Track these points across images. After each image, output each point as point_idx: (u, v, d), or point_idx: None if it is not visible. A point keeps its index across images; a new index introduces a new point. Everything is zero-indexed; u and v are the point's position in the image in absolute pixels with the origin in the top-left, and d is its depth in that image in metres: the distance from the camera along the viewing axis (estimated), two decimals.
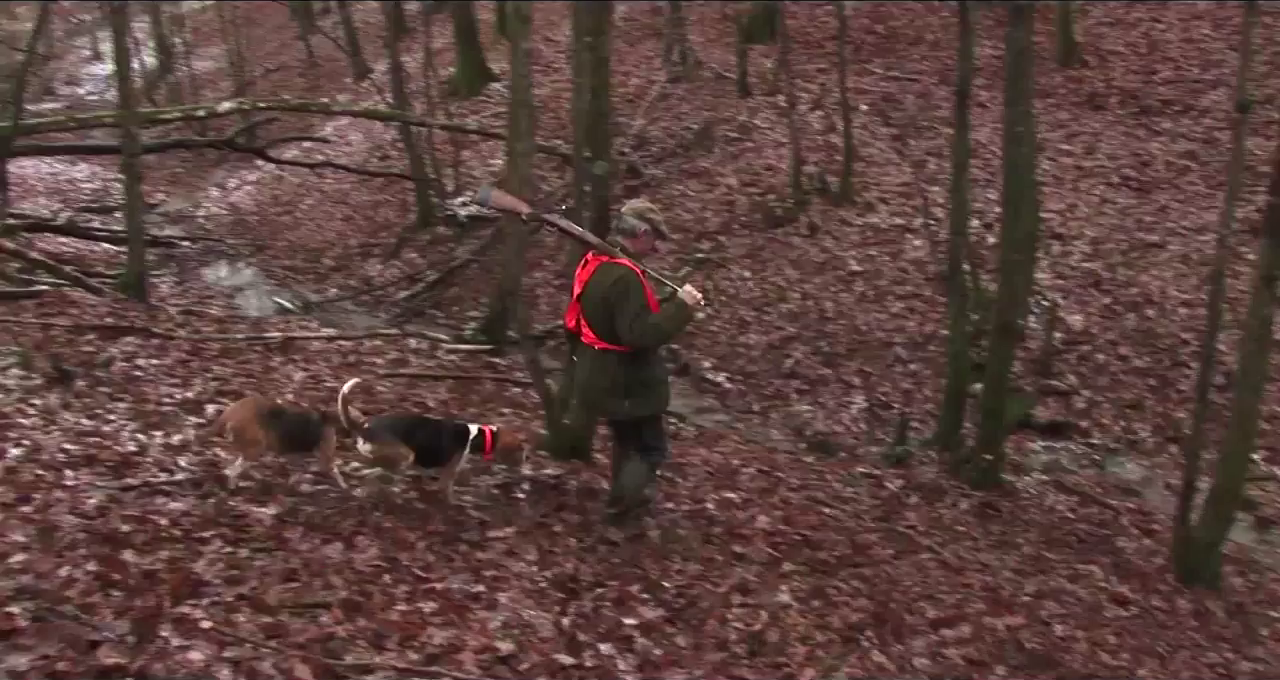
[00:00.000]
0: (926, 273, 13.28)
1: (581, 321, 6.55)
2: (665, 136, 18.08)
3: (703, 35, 22.47)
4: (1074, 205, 14.42)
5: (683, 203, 16.05)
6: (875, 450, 10.83)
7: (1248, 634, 7.84)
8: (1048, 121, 16.37)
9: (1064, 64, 18.50)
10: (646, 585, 6.17)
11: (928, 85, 18.30)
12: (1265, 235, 7.98)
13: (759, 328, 13.22)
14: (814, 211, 15.09)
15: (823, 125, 17.26)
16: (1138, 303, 12.60)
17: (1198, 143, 15.58)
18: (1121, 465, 10.78)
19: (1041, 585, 7.75)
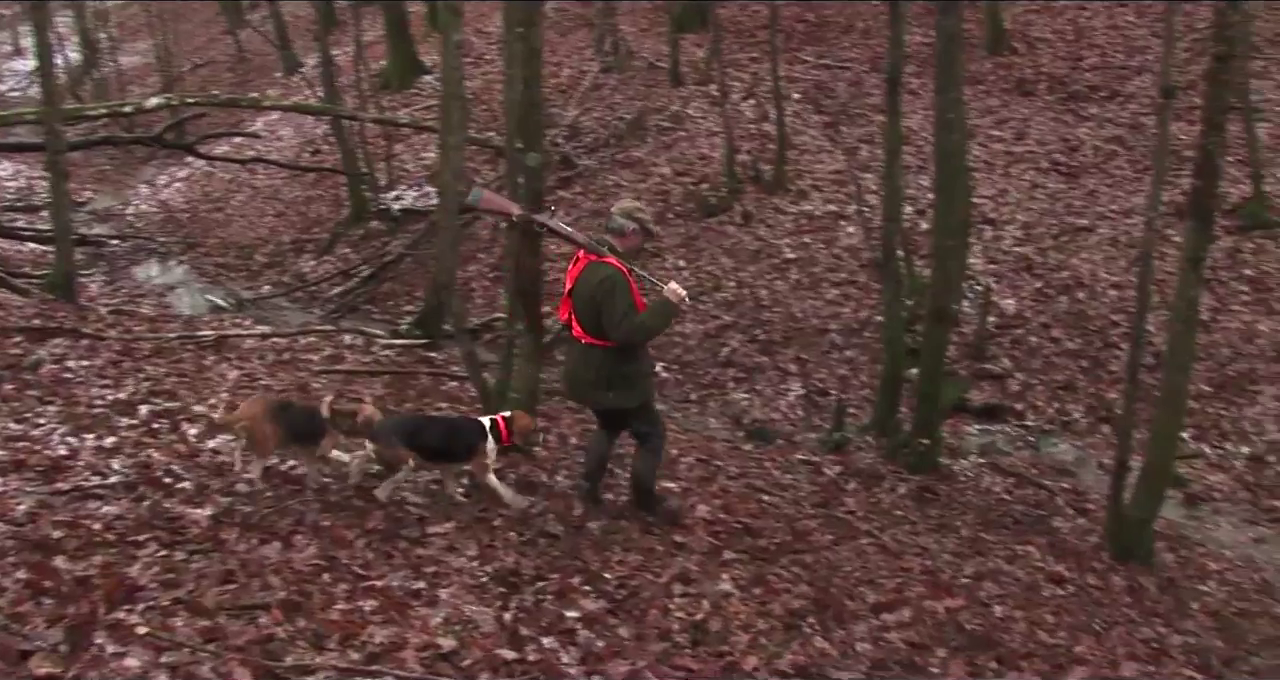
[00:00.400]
0: (860, 259, 13.37)
1: (572, 316, 6.79)
2: (598, 127, 18.05)
3: (635, 25, 22.44)
4: (1005, 190, 14.57)
5: (616, 193, 16.01)
6: (813, 437, 10.89)
7: (1179, 608, 8.00)
8: (978, 108, 16.52)
9: (993, 51, 18.68)
10: (588, 577, 6.16)
11: (859, 73, 18.40)
12: (1190, 218, 8.13)
13: (695, 317, 13.24)
14: (748, 200, 15.13)
15: (755, 114, 17.32)
16: (1069, 286, 12.77)
17: (1124, 128, 15.80)
18: (1055, 446, 10.93)
19: (980, 567, 7.84)
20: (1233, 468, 10.41)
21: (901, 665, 5.90)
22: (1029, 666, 6.16)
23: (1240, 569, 9.00)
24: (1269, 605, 8.47)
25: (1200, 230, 8.07)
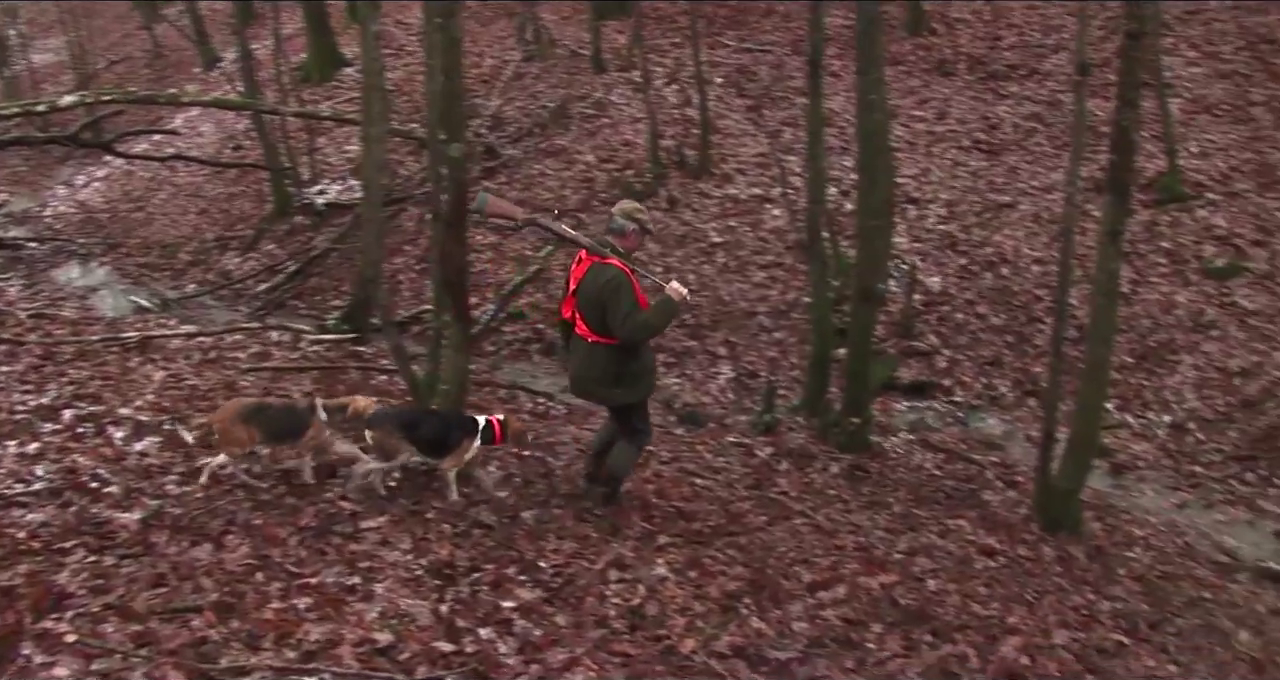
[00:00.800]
0: (786, 241, 13.43)
1: (577, 314, 6.97)
2: (522, 116, 17.98)
3: (556, 13, 22.36)
4: (928, 169, 14.71)
5: (541, 182, 15.99)
6: (744, 419, 10.95)
7: (1107, 575, 8.16)
8: (899, 89, 16.65)
9: (913, 32, 18.84)
10: (523, 567, 6.17)
11: (781, 56, 18.47)
12: (1108, 192, 8.27)
13: None
14: (672, 185, 15.16)
15: (678, 99, 17.34)
16: (993, 262, 12.93)
17: (1043, 105, 16.00)
18: (984, 420, 11.09)
19: (913, 542, 7.94)
20: (1155, 436, 10.62)
21: (838, 642, 5.97)
22: (963, 638, 6.26)
23: (1164, 534, 9.20)
24: (1191, 568, 8.68)
25: (1118, 204, 8.21)
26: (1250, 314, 11.67)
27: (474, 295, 13.50)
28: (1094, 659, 6.58)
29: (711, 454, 9.36)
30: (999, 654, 6.17)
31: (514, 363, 12.68)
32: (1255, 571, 8.86)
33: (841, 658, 5.76)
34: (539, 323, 13.19)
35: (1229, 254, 12.47)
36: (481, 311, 13.27)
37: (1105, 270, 8.26)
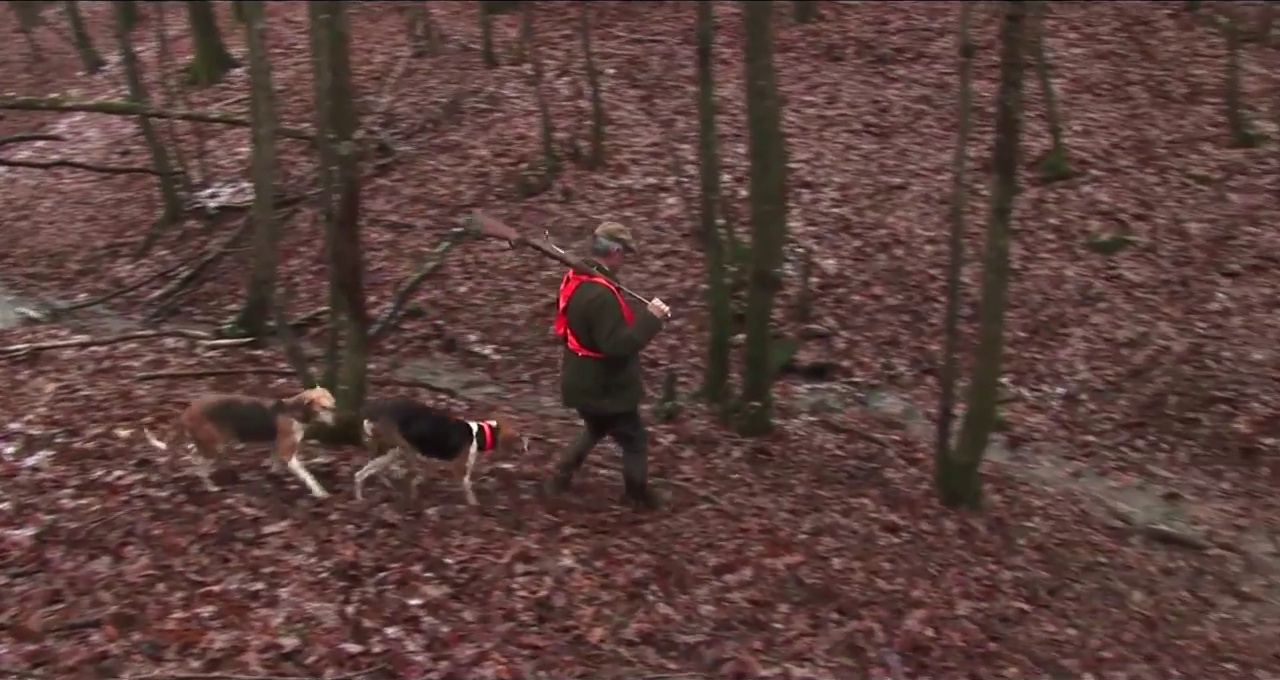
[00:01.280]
0: (683, 229, 13.50)
1: (570, 330, 7.34)
2: (414, 112, 17.85)
3: (446, 8, 22.23)
4: (820, 154, 14.86)
5: (436, 178, 15.89)
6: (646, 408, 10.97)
7: (1008, 545, 8.35)
8: (790, 75, 16.80)
9: (802, 19, 19.01)
10: (429, 564, 6.16)
11: (672, 46, 18.53)
12: (995, 171, 8.43)
13: (522, 297, 13.23)
14: (567, 177, 15.16)
15: (571, 91, 17.33)
16: (886, 243, 13.11)
17: (931, 88, 16.24)
18: (883, 400, 11.25)
19: (817, 522, 8.05)
20: (1050, 408, 10.86)
21: (745, 623, 6.04)
22: (869, 614, 6.37)
23: (1061, 503, 9.43)
24: (1087, 534, 8.91)
25: (1005, 182, 8.37)
26: (1135, 286, 11.98)
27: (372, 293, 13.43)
28: (997, 627, 6.75)
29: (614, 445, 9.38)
30: (904, 627, 6.29)
31: (414, 360, 12.61)
32: (1147, 534, 9.14)
33: (749, 639, 5.83)
34: (438, 319, 13.14)
35: (1113, 228, 12.78)
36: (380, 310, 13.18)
37: (995, 247, 8.42)
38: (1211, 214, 12.63)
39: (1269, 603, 8.29)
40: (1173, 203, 12.93)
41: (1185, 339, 11.21)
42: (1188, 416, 10.43)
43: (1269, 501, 9.40)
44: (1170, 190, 13.15)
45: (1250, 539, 9.07)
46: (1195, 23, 16.69)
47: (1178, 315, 11.51)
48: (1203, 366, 10.87)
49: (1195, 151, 13.72)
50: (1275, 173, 12.71)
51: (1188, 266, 12.05)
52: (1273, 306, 11.29)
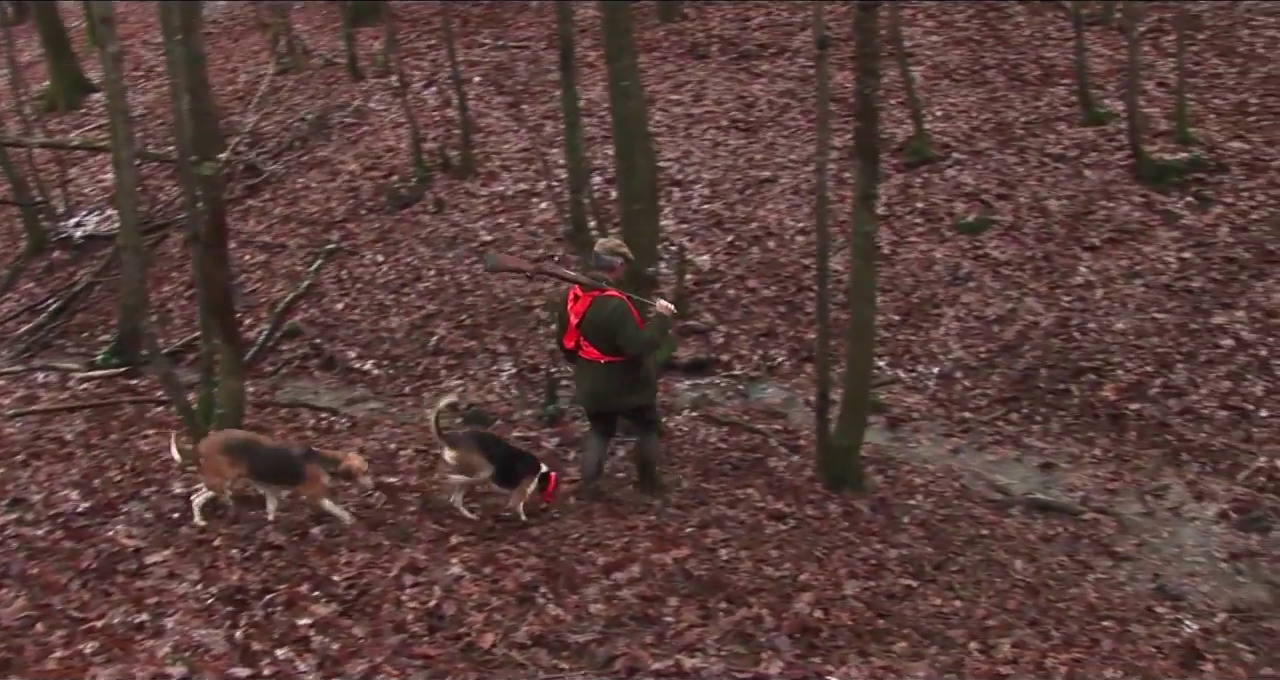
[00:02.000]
0: (556, 233, 13.51)
1: (583, 342, 8.02)
2: (281, 130, 17.64)
3: (309, 23, 22.02)
4: (689, 151, 14.98)
5: (306, 195, 15.73)
6: (529, 413, 11.02)
7: (892, 524, 8.51)
8: (655, 74, 16.93)
9: (665, 19, 19.15)
10: (316, 583, 6.13)
11: (537, 51, 18.55)
12: (858, 158, 8.60)
13: (399, 310, 13.15)
14: (439, 187, 15.08)
15: (438, 101, 17.27)
16: (759, 236, 13.27)
17: (795, 81, 16.46)
18: (764, 391, 11.37)
19: (704, 515, 8.13)
20: (926, 388, 11.09)
21: (635, 619, 6.09)
22: (757, 601, 6.45)
23: (942, 479, 9.64)
24: (969, 508, 9.12)
25: (868, 169, 8.53)
26: (1002, 264, 12.27)
27: (248, 315, 13.31)
28: (884, 604, 6.88)
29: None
30: (793, 611, 6.39)
31: (295, 380, 12.49)
32: (1025, 504, 9.38)
33: (640, 634, 5.88)
34: (316, 338, 13.01)
35: (978, 209, 13.08)
36: (256, 331, 13.03)
37: (861, 234, 8.58)
38: (1069, 191, 12.99)
39: (1141, 560, 8.57)
40: (1033, 182, 13.28)
41: (1052, 313, 11.52)
42: (1058, 388, 10.72)
43: (1137, 464, 9.71)
44: (1030, 170, 13.50)
45: (1122, 501, 9.36)
46: (1044, 8, 17.14)
47: (1043, 290, 11.83)
48: (1070, 338, 11.19)
49: (1051, 131, 14.09)
50: (1125, 149, 13.11)
51: (1050, 242, 12.38)
52: (1131, 277, 11.64)
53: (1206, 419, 10.00)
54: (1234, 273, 11.37)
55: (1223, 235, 11.83)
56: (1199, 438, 9.83)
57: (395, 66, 16.86)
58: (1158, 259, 11.78)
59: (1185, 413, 10.13)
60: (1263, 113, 13.46)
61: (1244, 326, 10.71)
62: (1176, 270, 11.61)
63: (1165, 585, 8.23)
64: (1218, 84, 14.33)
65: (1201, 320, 10.95)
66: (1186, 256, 11.74)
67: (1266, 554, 8.50)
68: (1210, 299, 11.16)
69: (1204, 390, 10.24)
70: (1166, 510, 9.18)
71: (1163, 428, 10.05)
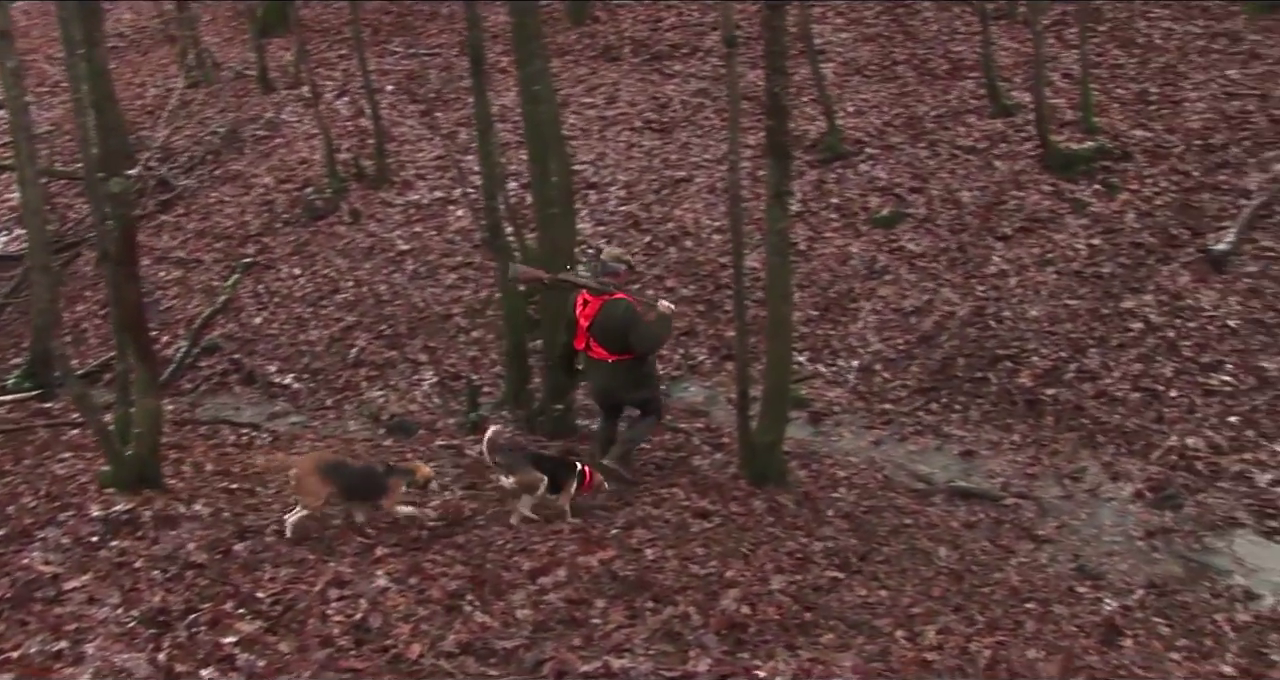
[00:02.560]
0: (474, 240, 13.49)
1: (592, 343, 8.73)
2: (192, 144, 17.45)
3: (218, 35, 21.79)
4: (604, 154, 15.02)
5: (221, 209, 15.58)
6: (452, 421, 10.99)
7: (817, 518, 8.58)
8: (568, 78, 16.95)
9: (577, 22, 19.18)
10: (241, 600, 6.06)
11: (449, 58, 18.50)
12: (769, 156, 8.64)
13: (318, 322, 13.06)
14: (354, 198, 15.01)
15: (351, 111, 17.19)
16: (676, 236, 13.33)
17: (707, 81, 16.56)
18: (686, 390, 11.42)
19: (629, 516, 8.15)
20: (847, 381, 11.20)
21: (563, 623, 6.09)
22: (684, 599, 6.47)
23: (865, 471, 9.75)
24: (893, 499, 9.23)
25: (780, 167, 8.58)
26: (917, 256, 12.43)
27: (165, 332, 13.14)
28: (810, 597, 6.93)
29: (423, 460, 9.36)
30: (719, 608, 6.42)
31: (215, 397, 12.35)
32: (948, 492, 9.53)
33: (567, 637, 5.88)
34: (235, 353, 12.88)
35: (892, 203, 13.23)
36: (174, 349, 12.88)
37: (775, 231, 8.63)
38: (981, 182, 13.18)
39: (1061, 542, 8.73)
40: (945, 174, 13.46)
41: (967, 303, 11.68)
42: (976, 376, 10.87)
43: (1055, 448, 9.88)
44: (941, 162, 13.68)
45: (1041, 485, 9.53)
46: (951, 4, 17.37)
47: (959, 281, 11.99)
48: (986, 327, 11.35)
49: (961, 124, 14.30)
50: (1033, 139, 13.33)
51: (964, 233, 12.55)
52: (1043, 265, 11.84)
53: (1120, 401, 10.18)
54: (1141, 257, 11.58)
55: (1129, 221, 12.05)
56: (1113, 420, 10.00)
57: (306, 77, 16.73)
58: (1068, 246, 11.98)
59: (1099, 396, 10.30)
60: (1162, 101, 13.74)
61: (1152, 310, 10.92)
62: (1086, 257, 11.80)
63: (1085, 565, 8.39)
64: (1119, 74, 14.59)
65: (1112, 305, 11.15)
66: (1096, 243, 11.94)
67: (1179, 530, 8.69)
68: (1120, 284, 11.36)
69: (1116, 373, 10.42)
70: (1084, 492, 9.35)
71: (1078, 411, 10.21)
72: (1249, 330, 10.31)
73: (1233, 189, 11.99)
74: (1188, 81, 13.98)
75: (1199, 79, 13.95)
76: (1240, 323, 10.41)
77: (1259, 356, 10.01)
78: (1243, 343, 10.20)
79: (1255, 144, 12.48)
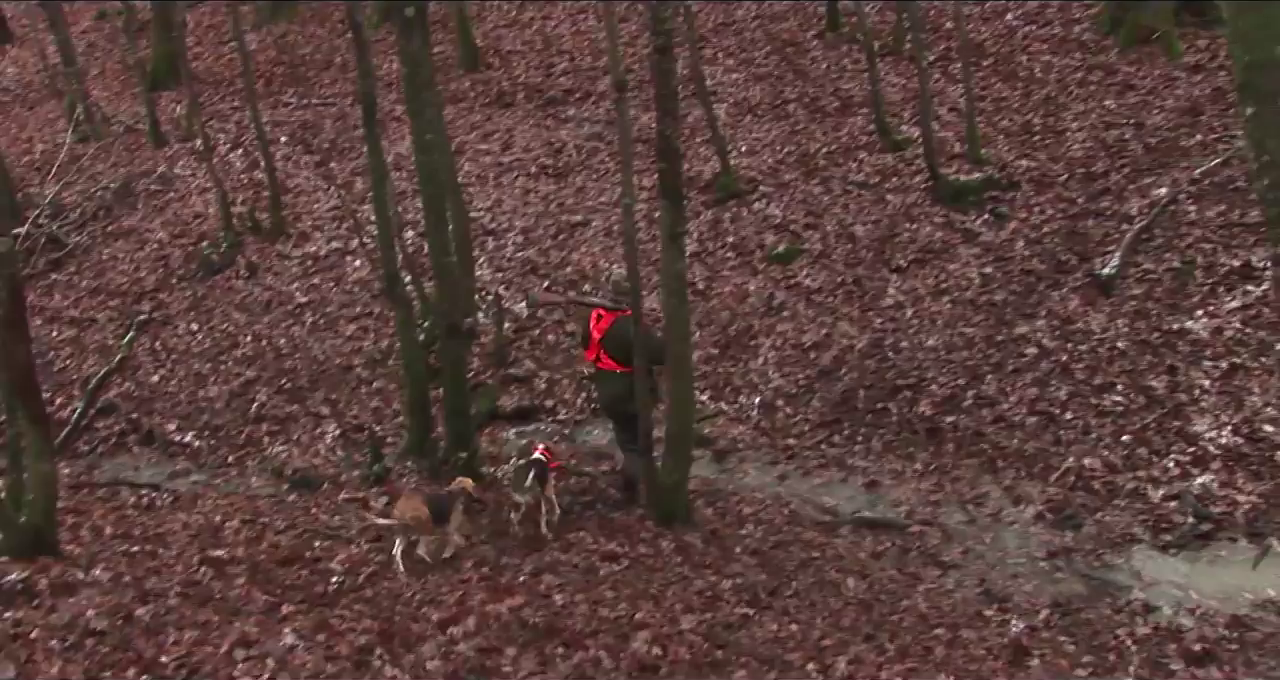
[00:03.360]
0: (373, 291, 13.43)
1: (603, 355, 9.36)
2: (83, 200, 17.16)
3: (107, 88, 21.55)
4: (500, 200, 15.06)
5: (114, 266, 15.37)
6: (356, 474, 10.88)
7: (725, 555, 8.61)
8: (463, 124, 16.99)
9: (470, 68, 19.24)
10: (144, 666, 5.94)
11: (343, 108, 18.45)
12: (662, 198, 8.70)
13: (217, 378, 12.90)
14: (251, 251, 14.88)
15: (245, 163, 17.06)
16: (574, 280, 13.39)
17: (601, 125, 16.70)
18: (590, 433, 11.42)
19: (537, 562, 8.14)
20: (750, 418, 11.27)
21: (474, 672, 6.08)
22: (595, 643, 6.49)
23: (771, 507, 9.80)
24: (800, 533, 9.29)
25: (673, 209, 8.63)
26: (814, 292, 12.59)
27: (59, 393, 12.88)
28: (721, 635, 6.97)
29: (328, 515, 9.27)
30: (630, 650, 6.45)
31: (113, 458, 12.13)
32: (854, 523, 9.58)
33: None
34: (133, 412, 12.66)
35: (787, 240, 13.41)
36: (69, 410, 12.64)
37: (670, 272, 8.69)
38: (874, 216, 13.41)
39: (967, 567, 8.84)
40: (838, 209, 13.68)
41: (865, 335, 11.85)
42: (876, 407, 11.00)
43: (957, 475, 10.01)
44: (835, 198, 13.91)
45: (945, 512, 9.64)
46: (838, 41, 17.72)
47: (856, 314, 12.17)
48: (884, 358, 11.51)
49: (852, 160, 14.57)
50: (923, 172, 13.61)
51: (859, 267, 12.75)
52: (938, 295, 12.06)
53: (1017, 426, 10.35)
54: (1032, 284, 11.84)
55: (1019, 249, 12.33)
56: (1012, 444, 10.17)
57: (199, 130, 16.57)
58: (961, 276, 12.22)
59: (997, 421, 10.47)
60: (1045, 132, 14.12)
61: (1045, 335, 11.14)
62: (980, 285, 12.04)
63: (991, 589, 8.49)
64: (1004, 107, 14.98)
65: (1006, 332, 11.37)
66: (988, 272, 12.19)
67: (1080, 549, 8.84)
68: (1012, 311, 11.59)
69: (1013, 398, 10.61)
70: (987, 516, 9.48)
71: (978, 437, 10.37)
72: (1136, 351, 10.57)
73: (1115, 214, 12.31)
74: (1068, 112, 14.39)
75: (1079, 110, 14.36)
76: (1128, 344, 10.66)
77: (1147, 376, 10.26)
78: (1131, 363, 10.45)
79: (1133, 170, 12.85)
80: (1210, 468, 9.22)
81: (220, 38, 22.66)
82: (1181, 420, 9.72)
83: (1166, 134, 13.32)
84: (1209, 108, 13.51)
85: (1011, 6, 17.20)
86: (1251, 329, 10.34)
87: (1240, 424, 9.48)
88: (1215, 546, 8.59)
